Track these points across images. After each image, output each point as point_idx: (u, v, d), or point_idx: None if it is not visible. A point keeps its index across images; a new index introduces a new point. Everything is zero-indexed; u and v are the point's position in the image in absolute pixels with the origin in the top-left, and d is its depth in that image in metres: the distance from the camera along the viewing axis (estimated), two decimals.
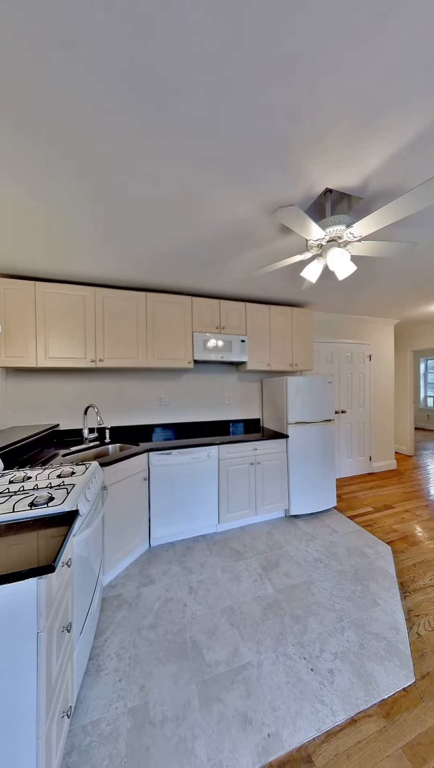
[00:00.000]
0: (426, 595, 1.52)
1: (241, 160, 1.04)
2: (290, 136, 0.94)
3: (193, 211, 1.34)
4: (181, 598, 1.52)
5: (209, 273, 2.08)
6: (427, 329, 4.21)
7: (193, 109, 0.85)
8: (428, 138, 0.96)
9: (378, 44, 0.69)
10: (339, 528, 2.22)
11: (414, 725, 0.95)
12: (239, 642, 1.26)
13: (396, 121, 0.90)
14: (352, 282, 2.34)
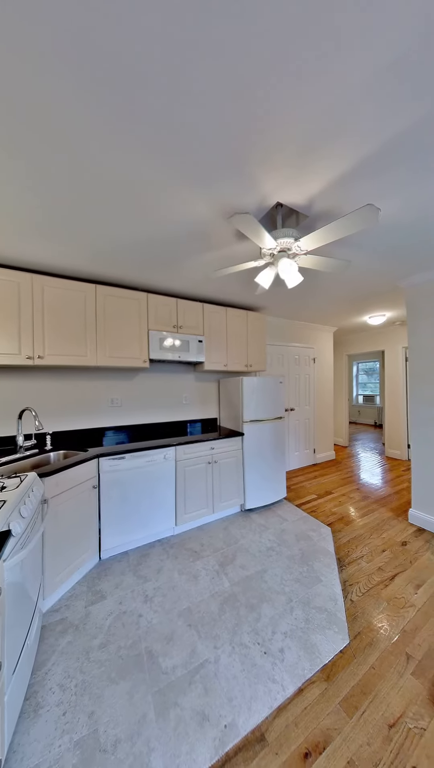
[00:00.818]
0: (357, 566, 1.77)
1: (199, 161, 1.04)
2: (245, 148, 0.98)
3: (150, 205, 1.29)
4: (135, 609, 1.45)
5: (166, 270, 2.03)
6: (359, 337, 4.89)
7: (149, 98, 0.81)
8: (360, 171, 1.11)
9: (317, 84, 0.77)
10: (289, 516, 2.42)
11: (348, 680, 1.09)
12: (197, 642, 1.26)
13: (335, 153, 1.01)
14: (300, 291, 2.57)
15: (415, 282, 2.26)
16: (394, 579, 1.64)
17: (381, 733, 0.93)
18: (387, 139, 0.96)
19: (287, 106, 0.84)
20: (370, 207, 0.98)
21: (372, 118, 0.88)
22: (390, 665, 1.15)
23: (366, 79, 0.77)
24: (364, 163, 1.06)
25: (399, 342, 4.22)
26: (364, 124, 0.91)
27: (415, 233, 1.59)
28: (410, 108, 0.85)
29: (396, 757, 0.87)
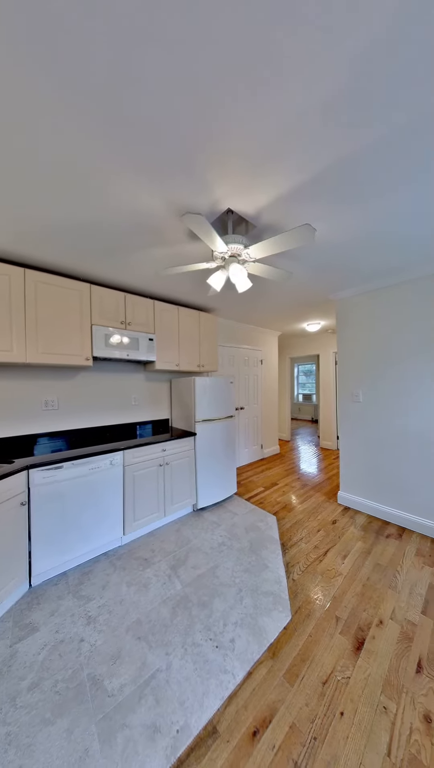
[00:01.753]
0: (298, 548, 1.96)
1: (152, 155, 1.00)
2: (198, 151, 0.99)
3: (94, 190, 1.18)
4: (76, 634, 1.31)
5: (112, 261, 1.89)
6: (299, 341, 5.44)
7: (95, 72, 0.74)
8: (300, 194, 1.23)
9: (263, 106, 0.83)
10: (239, 510, 2.53)
11: (291, 652, 1.21)
12: (147, 653, 1.21)
13: (278, 173, 1.10)
14: (249, 296, 2.72)
15: (342, 296, 2.63)
16: (327, 554, 1.88)
17: (317, 691, 1.06)
18: (319, 169, 1.09)
19: (235, 121, 0.88)
20: (307, 226, 1.10)
21: (307, 149, 0.99)
22: (324, 630, 1.31)
23: (302, 114, 0.86)
24: (302, 187, 1.19)
25: (331, 347, 4.86)
26: (301, 154, 1.01)
27: (341, 254, 1.86)
28: (336, 147, 0.99)
29: (328, 708, 1.00)
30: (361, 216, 1.41)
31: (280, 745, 0.90)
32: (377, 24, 0.66)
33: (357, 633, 1.29)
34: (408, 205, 1.34)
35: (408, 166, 1.08)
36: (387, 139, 0.96)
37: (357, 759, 0.86)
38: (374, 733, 0.93)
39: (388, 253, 1.85)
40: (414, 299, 2.16)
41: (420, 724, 0.95)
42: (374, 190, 1.22)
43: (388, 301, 2.32)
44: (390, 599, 1.48)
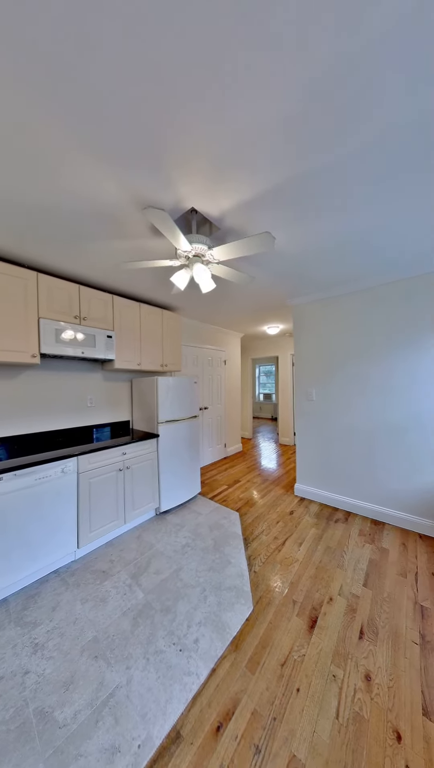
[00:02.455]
0: (259, 541, 2.05)
1: (110, 139, 0.94)
2: (161, 143, 0.96)
3: (44, 168, 1.06)
4: (19, 667, 1.16)
5: (65, 250, 1.72)
6: (260, 343, 5.70)
7: (52, 38, 0.67)
8: (261, 202, 1.29)
9: (225, 114, 0.85)
10: (203, 510, 2.54)
11: (252, 642, 1.25)
12: (105, 671, 1.13)
13: (240, 180, 1.14)
14: (213, 297, 2.75)
15: (299, 302, 2.84)
16: (285, 543, 2.01)
17: (276, 674, 1.12)
18: (280, 181, 1.16)
19: (200, 121, 0.88)
20: (267, 234, 1.16)
21: (269, 161, 1.04)
22: (282, 615, 1.39)
23: (264, 128, 0.91)
24: (264, 196, 1.25)
25: (289, 350, 5.20)
26: (263, 165, 1.06)
27: (297, 263, 2.00)
28: (295, 164, 1.06)
29: (286, 688, 1.07)
30: (316, 230, 1.54)
31: (242, 733, 0.93)
32: (322, 61, 0.72)
33: (310, 613, 1.40)
34: (355, 225, 1.51)
35: (355, 190, 1.22)
36: (337, 163, 1.07)
37: (310, 729, 0.94)
38: (325, 701, 1.02)
39: (338, 266, 2.05)
40: (360, 308, 2.44)
41: (362, 684, 1.07)
42: (327, 208, 1.34)
43: (338, 308, 2.58)
44: (339, 577, 1.65)
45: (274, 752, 0.88)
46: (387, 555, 1.85)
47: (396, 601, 1.47)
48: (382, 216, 1.42)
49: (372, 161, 1.06)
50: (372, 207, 1.35)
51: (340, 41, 0.69)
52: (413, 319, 2.14)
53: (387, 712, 0.98)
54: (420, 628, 1.30)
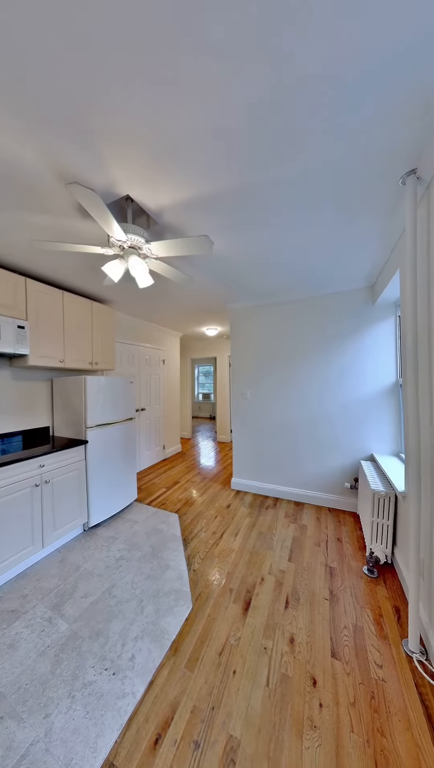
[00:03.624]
0: (198, 538, 2.08)
1: (30, 91, 0.78)
2: (90, 112, 0.86)
3: None
4: None
5: None
6: (200, 344, 5.79)
7: None
8: (199, 205, 1.31)
9: (164, 106, 0.84)
10: (139, 518, 2.40)
11: (191, 640, 1.26)
12: (16, 731, 0.94)
13: (179, 178, 1.13)
14: (151, 293, 2.63)
15: (235, 307, 3.01)
16: (222, 536, 2.10)
17: (214, 664, 1.16)
18: (221, 189, 1.20)
19: (137, 101, 0.83)
20: (206, 238, 1.19)
21: (207, 167, 1.07)
22: (220, 605, 1.45)
23: (204, 133, 0.93)
24: (205, 200, 1.27)
25: (226, 352, 5.46)
26: (202, 169, 1.08)
27: (234, 270, 2.13)
28: (234, 176, 1.13)
29: (223, 674, 1.12)
30: (250, 242, 1.67)
31: (182, 734, 0.93)
32: (261, 88, 0.79)
33: (245, 596, 1.51)
34: (283, 244, 1.70)
35: (285, 213, 1.38)
36: (272, 185, 1.18)
37: (245, 705, 1.01)
38: (258, 674, 1.11)
39: (268, 278, 2.28)
40: (286, 318, 2.77)
41: (287, 647, 1.22)
42: (261, 224, 1.47)
43: (269, 316, 2.86)
44: (268, 558, 1.83)
45: (212, 741, 0.91)
46: (306, 530, 2.17)
47: (312, 568, 1.73)
48: (304, 240, 1.66)
49: (300, 190, 1.22)
50: (296, 231, 1.55)
51: (270, 80, 0.76)
52: (324, 330, 2.58)
53: (306, 664, 1.14)
54: (329, 586, 1.57)
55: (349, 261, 1.96)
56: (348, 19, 0.65)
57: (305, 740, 0.91)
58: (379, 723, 0.94)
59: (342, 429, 2.51)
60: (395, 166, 1.10)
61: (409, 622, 1.17)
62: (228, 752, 0.88)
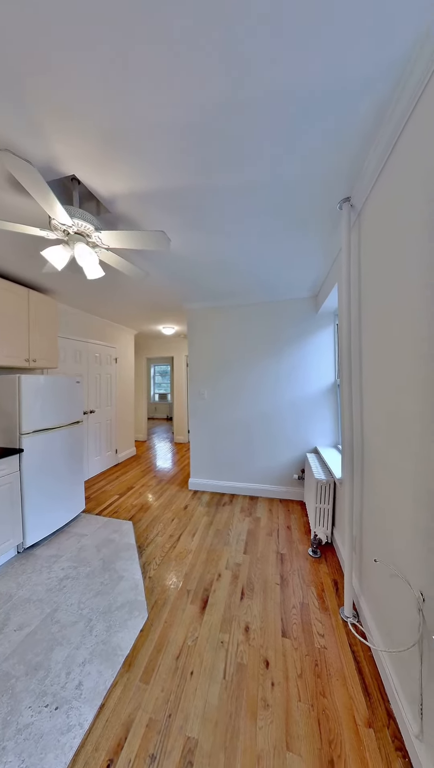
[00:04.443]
0: (155, 543, 2.01)
1: None
2: (28, 72, 0.75)
3: None
4: None
5: None
6: (156, 343, 5.60)
7: None
8: (156, 200, 1.27)
9: (118, 90, 0.79)
10: (87, 530, 2.20)
11: (147, 651, 1.21)
12: None
13: (132, 168, 1.08)
14: (102, 286, 2.43)
15: (193, 307, 3.01)
16: (180, 538, 2.07)
17: (171, 670, 1.13)
18: (178, 187, 1.18)
19: (89, 72, 0.76)
20: (162, 234, 1.15)
21: (165, 162, 1.05)
22: (177, 608, 1.43)
23: (158, 123, 0.90)
24: (161, 194, 1.23)
25: (183, 351, 5.40)
26: (160, 163, 1.05)
27: (192, 270, 2.12)
28: (192, 176, 1.12)
29: (181, 678, 1.10)
30: (208, 243, 1.68)
31: (137, 752, 0.88)
32: (217, 92, 0.81)
33: (203, 595, 1.52)
34: (239, 249, 1.76)
35: (246, 221, 1.42)
36: (230, 191, 1.21)
37: (202, 702, 1.02)
38: (215, 669, 1.13)
39: (226, 280, 2.33)
40: (243, 320, 2.88)
41: (243, 636, 1.27)
42: (218, 230, 1.49)
43: (226, 317, 2.93)
44: (225, 554, 1.87)
45: (169, 749, 0.89)
46: (260, 522, 2.29)
47: (265, 557, 1.84)
48: (258, 249, 1.75)
49: (253, 201, 1.28)
50: (251, 239, 1.63)
51: (226, 86, 0.79)
52: (277, 334, 2.77)
53: (259, 649, 1.21)
54: (280, 571, 1.69)
55: (297, 272, 2.15)
56: (300, 50, 0.71)
57: (259, 721, 0.96)
58: (321, 686, 1.06)
59: (291, 425, 2.74)
60: (335, 192, 1.25)
61: (344, 592, 1.34)
62: (186, 755, 0.87)
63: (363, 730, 0.92)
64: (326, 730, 0.93)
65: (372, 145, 1.01)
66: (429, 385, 0.74)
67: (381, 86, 0.80)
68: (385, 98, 0.84)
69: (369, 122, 0.91)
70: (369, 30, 0.67)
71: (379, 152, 0.99)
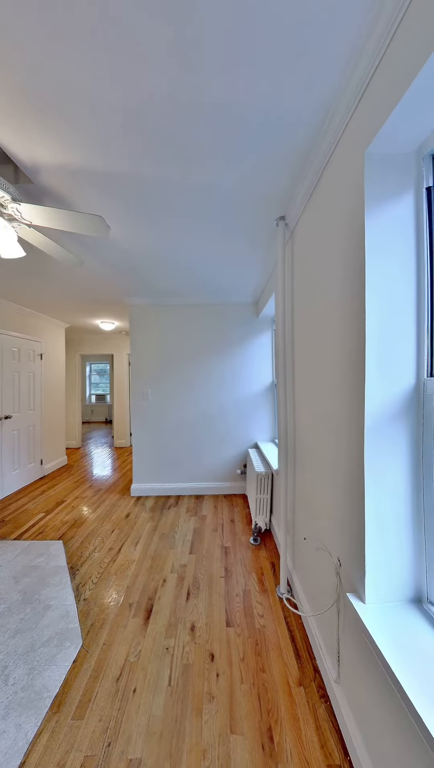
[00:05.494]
0: (91, 560, 1.82)
1: None
2: None
3: None
4: None
5: None
6: (93, 338, 5.06)
7: None
8: (91, 178, 1.15)
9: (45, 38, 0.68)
10: (1, 560, 1.83)
11: (81, 682, 1.08)
12: None
13: (67, 137, 0.95)
14: (23, 269, 2.06)
15: (137, 302, 2.84)
16: (121, 550, 1.93)
17: (111, 694, 1.04)
18: (119, 171, 1.09)
19: None
20: (100, 219, 1.05)
21: (100, 137, 0.96)
22: (118, 626, 1.33)
23: (93, 97, 0.82)
24: (97, 173, 1.12)
25: (125, 349, 5.05)
26: (93, 136, 0.95)
27: (135, 263, 2.00)
28: (131, 160, 1.05)
29: (122, 699, 1.03)
30: (152, 237, 1.61)
31: None
32: (162, 80, 0.78)
33: (147, 605, 1.45)
34: (184, 250, 1.74)
35: (190, 224, 1.41)
36: (170, 186, 1.19)
37: (146, 717, 0.97)
38: (160, 678, 1.10)
39: (172, 278, 2.28)
40: (190, 319, 2.87)
41: (188, 636, 1.27)
42: (165, 223, 1.45)
43: (173, 316, 2.87)
44: (171, 557, 1.84)
45: None
46: (205, 520, 2.33)
47: (211, 552, 1.88)
48: (203, 251, 1.77)
49: (199, 205, 1.29)
50: (197, 241, 1.64)
51: (172, 74, 0.77)
52: (222, 335, 2.86)
53: (205, 644, 1.23)
54: (224, 564, 1.76)
55: (239, 278, 2.27)
56: (245, 68, 0.75)
57: (205, 715, 0.97)
58: (261, 663, 1.15)
59: (235, 423, 2.88)
60: (272, 210, 1.37)
61: (280, 571, 1.49)
62: None
63: (295, 690, 1.04)
64: (265, 701, 1.01)
65: (300, 179, 1.15)
66: (343, 389, 0.89)
67: (303, 133, 0.92)
68: (310, 140, 0.96)
69: (298, 157, 1.04)
70: (297, 74, 0.76)
71: (306, 185, 1.13)
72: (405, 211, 0.73)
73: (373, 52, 0.66)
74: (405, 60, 0.58)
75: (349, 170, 0.83)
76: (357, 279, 0.78)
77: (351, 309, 0.83)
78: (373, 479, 0.75)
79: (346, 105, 0.80)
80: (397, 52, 0.61)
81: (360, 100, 0.75)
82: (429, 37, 0.51)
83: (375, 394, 0.74)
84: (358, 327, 0.78)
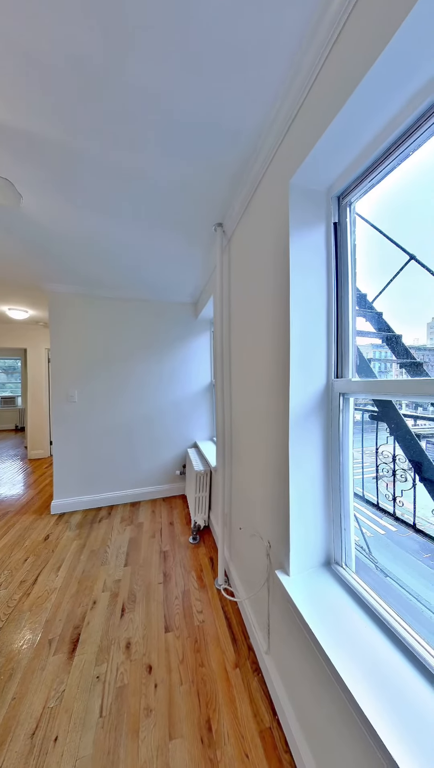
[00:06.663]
0: None
1: None
2: None
3: None
4: None
5: None
6: None
7: None
8: (8, 136, 0.93)
9: None
10: None
11: None
12: None
13: None
14: None
15: (59, 290, 2.45)
16: (38, 579, 1.63)
17: (23, 754, 0.87)
18: (30, 127, 0.92)
19: None
20: (7, 182, 0.87)
21: (8, 84, 0.79)
22: (33, 671, 1.12)
23: (8, 42, 0.67)
24: (12, 130, 0.92)
25: (43, 343, 4.30)
26: (2, 87, 0.78)
27: (56, 245, 1.73)
28: (49, 120, 0.91)
29: (39, 754, 0.87)
30: (79, 217, 1.43)
31: None
32: (89, 44, 0.71)
33: (72, 635, 1.27)
34: (117, 238, 1.60)
35: (121, 204, 1.30)
36: (99, 162, 1.07)
37: (71, 764, 0.85)
38: (89, 712, 0.98)
39: (103, 267, 2.07)
40: (124, 315, 2.65)
41: (123, 656, 1.18)
42: (96, 203, 1.29)
43: (104, 310, 2.60)
44: (102, 575, 1.67)
45: None
46: (142, 527, 2.21)
47: (149, 560, 1.80)
48: (138, 242, 1.68)
49: (134, 191, 1.21)
50: (132, 231, 1.54)
51: (100, 41, 0.70)
52: (160, 334, 2.77)
53: (142, 658, 1.17)
54: (163, 569, 1.71)
55: (178, 275, 2.25)
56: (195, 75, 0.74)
57: (142, 732, 0.92)
58: (200, 659, 1.16)
59: (173, 424, 2.83)
60: (211, 215, 1.41)
61: (218, 563, 1.55)
62: None
63: (232, 674, 1.10)
64: (204, 695, 1.03)
65: (237, 190, 1.23)
66: (272, 388, 1.00)
67: (242, 144, 0.99)
68: (248, 154, 1.04)
69: (236, 167, 1.10)
70: (234, 88, 0.81)
71: (241, 199, 1.22)
72: (320, 238, 0.87)
73: (298, 90, 0.76)
74: (320, 109, 0.69)
75: (277, 195, 0.93)
76: (283, 291, 0.89)
77: (278, 317, 0.94)
78: (296, 466, 0.86)
79: (276, 132, 0.90)
80: (316, 99, 0.72)
81: (287, 132, 0.86)
82: (337, 95, 0.63)
83: (296, 392, 0.86)
84: (284, 333, 0.89)
